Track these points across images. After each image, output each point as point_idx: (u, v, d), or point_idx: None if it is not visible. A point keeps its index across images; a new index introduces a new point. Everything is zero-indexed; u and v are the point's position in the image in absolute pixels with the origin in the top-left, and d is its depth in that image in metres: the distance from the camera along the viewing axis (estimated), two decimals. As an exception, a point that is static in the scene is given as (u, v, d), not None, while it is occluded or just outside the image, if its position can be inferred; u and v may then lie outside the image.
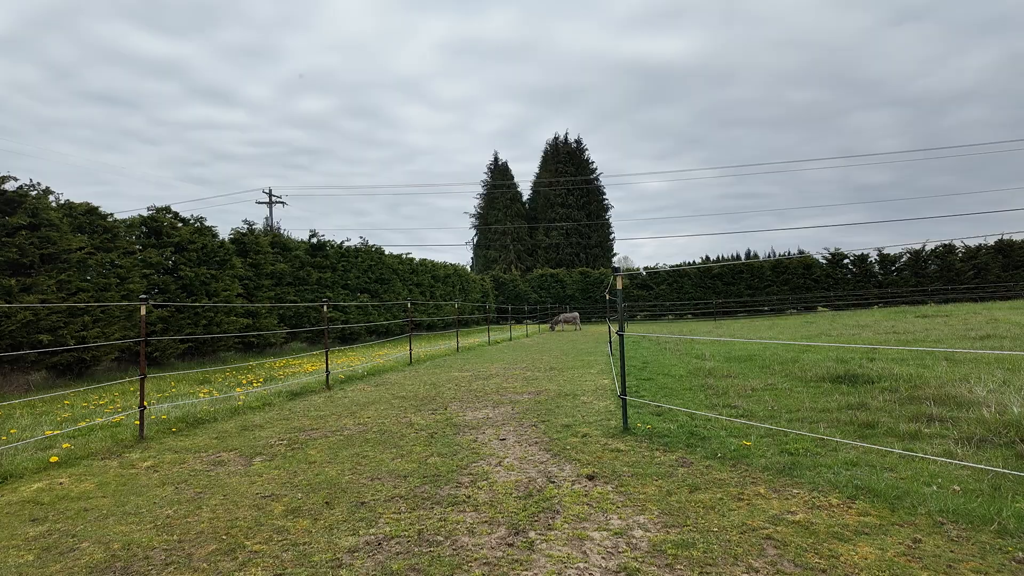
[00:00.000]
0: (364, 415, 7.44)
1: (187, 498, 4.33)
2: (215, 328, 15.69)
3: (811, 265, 45.59)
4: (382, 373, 12.16)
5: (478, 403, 8.02)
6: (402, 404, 8.17)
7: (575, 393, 8.36)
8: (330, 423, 7.02)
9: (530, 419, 6.68)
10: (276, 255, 19.36)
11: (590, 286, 47.38)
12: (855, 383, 7.64)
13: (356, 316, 23.06)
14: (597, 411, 6.91)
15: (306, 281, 20.50)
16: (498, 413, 7.21)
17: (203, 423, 7.28)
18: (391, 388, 9.90)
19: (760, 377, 8.78)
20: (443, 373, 11.85)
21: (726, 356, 11.89)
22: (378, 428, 6.57)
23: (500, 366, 12.82)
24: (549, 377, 10.43)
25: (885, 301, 42.86)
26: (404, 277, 27.95)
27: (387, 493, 4.22)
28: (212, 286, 15.68)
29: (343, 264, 23.00)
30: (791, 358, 10.60)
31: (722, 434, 5.28)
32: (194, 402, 8.36)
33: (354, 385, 10.50)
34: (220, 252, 16.27)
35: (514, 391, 8.98)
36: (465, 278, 37.51)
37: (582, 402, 7.60)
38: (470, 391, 9.19)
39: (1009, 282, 41.76)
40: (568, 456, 4.95)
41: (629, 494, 3.92)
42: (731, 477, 4.13)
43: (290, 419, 7.41)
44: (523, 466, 4.76)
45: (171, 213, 15.44)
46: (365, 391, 9.68)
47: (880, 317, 26.05)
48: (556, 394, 8.42)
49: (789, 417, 5.86)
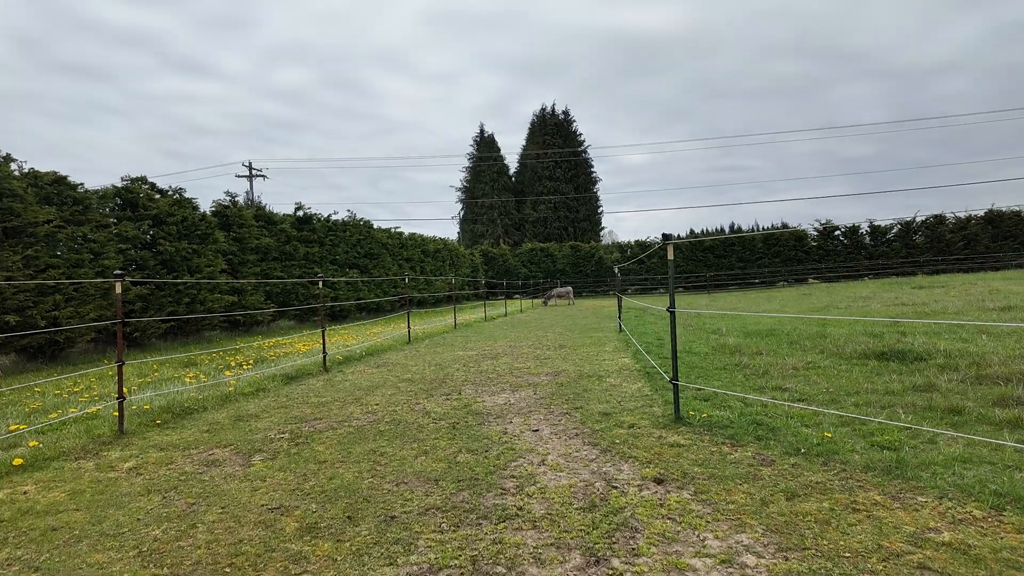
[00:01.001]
0: (371, 402, 6.73)
1: (178, 512, 3.62)
2: (198, 306, 14.81)
3: (802, 237, 45.33)
4: (381, 353, 11.43)
5: (494, 386, 7.34)
6: (411, 388, 7.47)
7: (598, 374, 7.71)
8: (334, 411, 6.31)
9: (559, 405, 6.02)
10: (261, 229, 18.38)
11: (581, 260, 46.74)
12: (903, 360, 7.07)
13: (346, 293, 22.22)
14: (632, 396, 6.26)
15: (293, 256, 19.58)
16: (520, 398, 6.54)
17: (191, 413, 6.52)
18: (394, 370, 9.19)
19: (794, 354, 8.19)
20: (446, 352, 11.15)
21: (744, 331, 11.32)
22: (390, 418, 5.86)
23: (505, 344, 12.15)
24: (562, 356, 9.77)
25: (875, 273, 42.80)
26: (394, 252, 27.05)
27: (419, 503, 3.54)
28: (194, 261, 14.74)
29: (331, 238, 22.06)
30: (816, 332, 10.05)
31: (791, 423, 4.66)
32: (180, 389, 7.58)
33: (353, 367, 9.77)
34: (202, 225, 15.29)
35: (529, 372, 8.31)
36: (455, 253, 36.65)
37: (610, 385, 6.95)
38: (481, 372, 8.50)
39: (998, 252, 41.85)
40: (621, 452, 4.29)
41: (715, 503, 3.28)
42: (829, 479, 3.50)
43: (289, 407, 6.68)
44: (572, 465, 4.10)
45: (147, 184, 14.40)
46: (367, 373, 8.96)
47: (876, 288, 25.74)
48: (577, 375, 7.76)
49: (855, 401, 5.25)
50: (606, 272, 46.18)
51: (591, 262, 46.60)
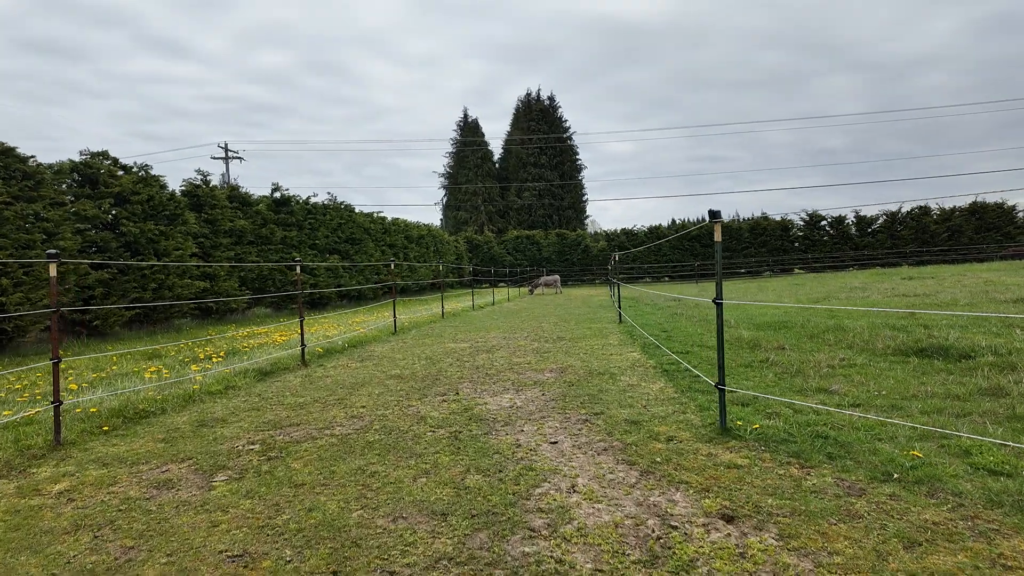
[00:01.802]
0: (356, 403, 5.90)
1: (108, 563, 2.77)
2: (166, 292, 13.76)
3: (788, 227, 45.09)
4: (365, 345, 10.55)
5: (494, 385, 6.55)
6: (400, 386, 6.64)
7: (610, 372, 6.95)
8: (314, 415, 5.47)
9: (575, 410, 5.24)
10: (235, 211, 17.29)
11: (567, 248, 46.02)
12: (947, 357, 6.43)
13: (326, 279, 21.22)
14: (657, 398, 5.51)
15: (269, 240, 18.52)
16: (527, 400, 5.76)
17: (147, 417, 5.64)
18: (381, 364, 8.34)
19: (819, 349, 7.52)
20: (436, 344, 10.32)
21: (753, 323, 10.65)
22: (380, 424, 5.04)
23: (498, 335, 11.35)
24: (564, 350, 9.01)
25: (860, 263, 42.74)
26: (376, 237, 26.03)
27: (425, 551, 2.74)
28: (161, 244, 13.67)
29: (310, 222, 21.00)
30: (833, 325, 9.40)
31: (861, 436, 3.93)
32: (137, 387, 6.66)
33: (335, 360, 8.90)
34: (170, 205, 14.20)
35: (531, 367, 7.53)
36: (439, 239, 35.68)
37: (628, 384, 6.19)
38: (477, 368, 7.70)
39: (981, 244, 42.00)
40: (667, 475, 3.53)
41: (813, 554, 2.53)
42: (949, 519, 2.77)
43: (261, 409, 5.82)
44: (610, 492, 3.33)
45: (110, 159, 13.26)
46: (350, 368, 8.10)
47: (866, 279, 25.43)
48: (586, 372, 7.00)
49: (920, 408, 4.55)
50: (592, 260, 45.54)
51: (577, 250, 45.91)
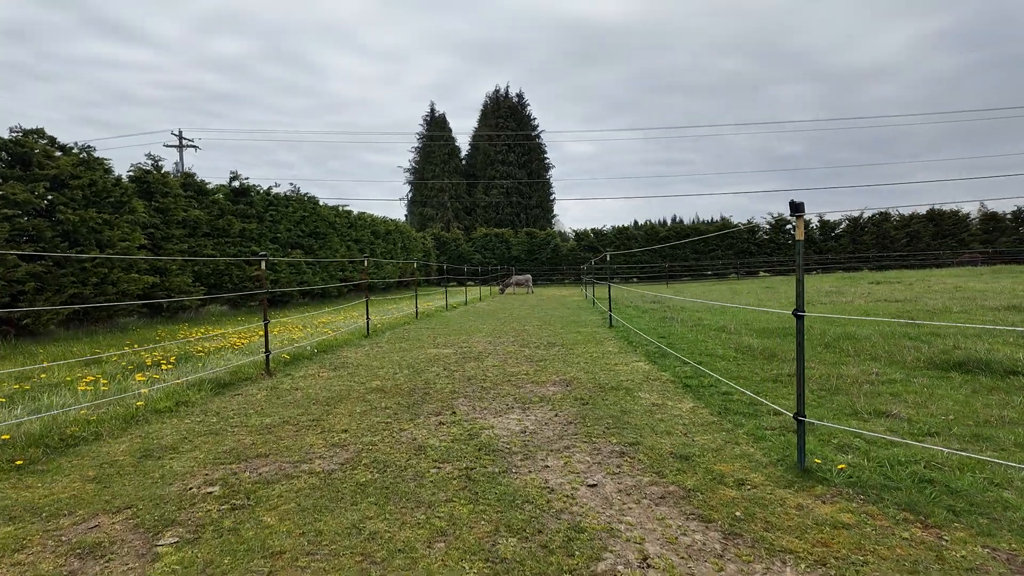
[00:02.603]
0: (335, 425, 4.98)
1: None
2: (110, 288, 12.42)
3: (755, 230, 45.48)
4: (336, 350, 9.54)
5: (494, 401, 5.71)
6: (385, 402, 5.73)
7: (623, 386, 6.18)
8: (286, 442, 4.53)
9: (601, 437, 4.45)
10: (190, 200, 15.93)
11: (536, 247, 45.36)
12: (991, 374, 5.89)
13: (288, 276, 19.94)
14: (692, 423, 4.76)
15: (227, 232, 17.19)
16: (538, 421, 4.94)
17: (77, 445, 4.60)
18: (357, 374, 7.39)
19: (841, 361, 6.93)
20: (416, 350, 9.39)
21: (752, 329, 10.07)
22: (369, 456, 4.14)
23: (483, 339, 10.48)
24: (560, 357, 8.21)
25: (823, 267, 43.39)
26: (342, 232, 24.78)
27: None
28: (105, 234, 12.32)
29: (271, 214, 19.69)
30: (842, 333, 8.88)
31: (973, 482, 3.25)
32: (66, 407, 5.57)
33: (304, 369, 7.89)
34: (115, 192, 12.84)
35: (530, 379, 6.71)
36: (407, 236, 34.50)
37: (651, 404, 5.43)
38: (469, 379, 6.84)
39: (938, 250, 43.12)
40: (760, 539, 2.76)
41: None
42: None
43: (221, 433, 4.84)
44: (698, 569, 2.53)
45: (46, 138, 11.86)
46: (322, 378, 7.12)
47: (835, 283, 25.52)
48: (595, 386, 6.22)
49: (1013, 440, 3.92)
50: (562, 260, 45.00)
51: (547, 249, 45.31)
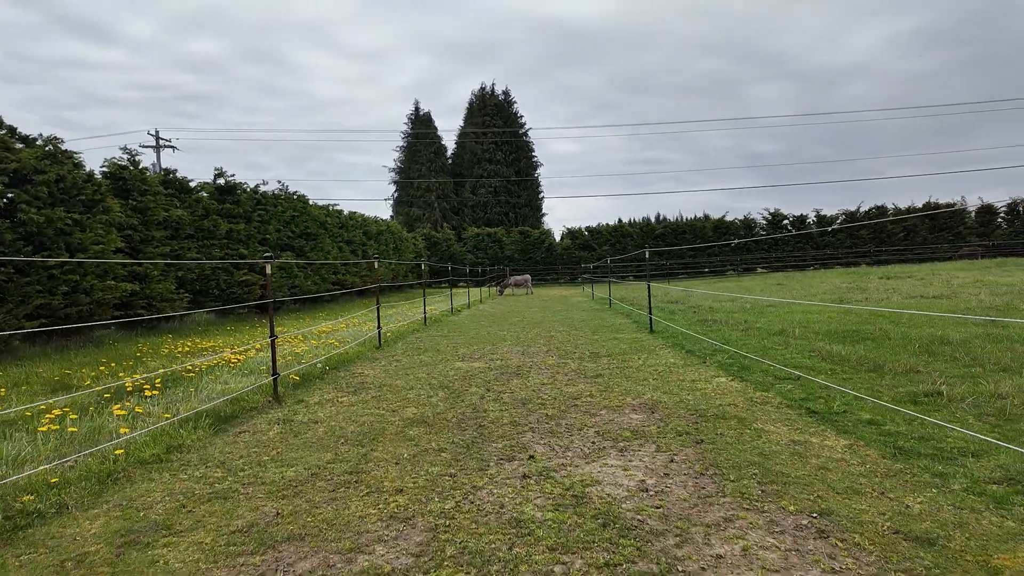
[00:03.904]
0: (382, 480, 3.75)
1: None
2: (82, 297, 11.00)
3: (751, 226, 44.79)
4: (348, 365, 8.28)
5: (572, 436, 4.52)
6: (434, 440, 4.51)
7: (731, 414, 5.02)
8: (323, 511, 3.30)
9: (762, 498, 3.28)
10: (171, 198, 14.50)
11: (530, 246, 44.21)
12: None
13: (278, 280, 18.54)
14: (874, 472, 3.60)
15: (213, 234, 15.77)
16: (652, 471, 3.76)
17: (30, 526, 3.32)
18: (383, 397, 6.15)
19: (951, 370, 5.85)
20: (441, 364, 8.16)
21: (819, 332, 8.99)
22: (452, 541, 2.92)
23: (512, 349, 9.28)
24: (619, 371, 7.04)
25: (821, 262, 42.82)
26: (333, 233, 23.40)
27: None
28: (76, 236, 10.91)
29: (260, 214, 18.27)
30: (938, 337, 7.83)
31: None
32: (23, 453, 4.27)
33: (317, 392, 6.62)
34: (87, 189, 11.42)
35: (599, 403, 5.53)
36: (399, 236, 33.16)
37: (790, 442, 4.25)
38: (522, 403, 5.64)
39: (935, 244, 42.74)
40: None
41: None
42: None
43: (231, 497, 3.59)
44: None
45: (4, 128, 10.42)
46: (343, 404, 5.87)
47: (846, 279, 24.74)
48: (692, 413, 5.05)
49: None
50: (556, 259, 43.89)
51: (541, 248, 44.17)
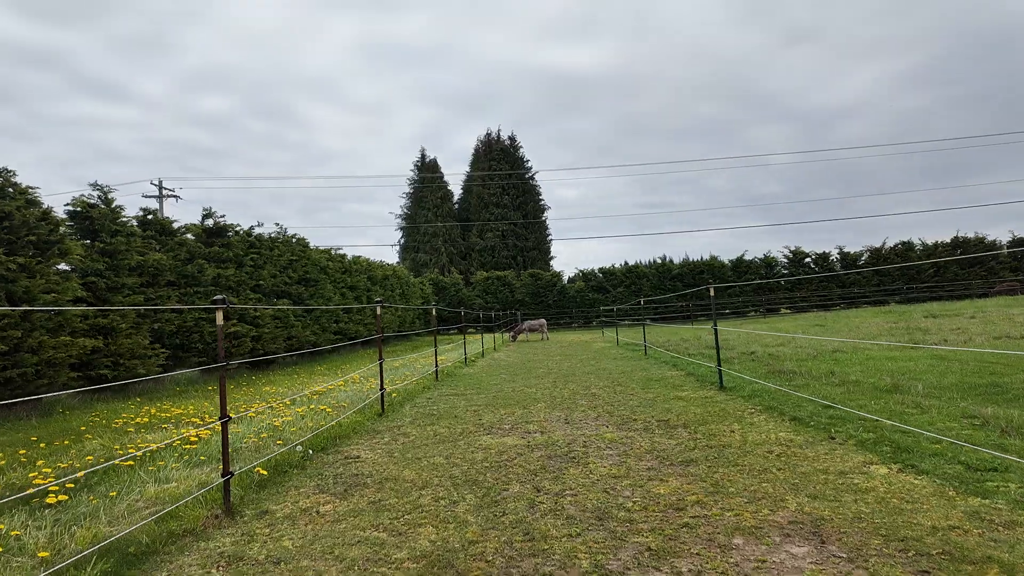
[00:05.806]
0: None
1: None
2: (30, 357, 9.16)
3: (772, 264, 42.92)
4: (340, 444, 6.30)
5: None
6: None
7: (962, 545, 3.05)
8: None
9: None
10: (148, 241, 12.83)
11: (541, 289, 42.41)
12: None
13: (272, 330, 16.69)
14: None
15: (197, 280, 14.02)
16: None
17: None
18: (385, 507, 4.17)
19: None
20: (463, 440, 6.18)
21: (933, 384, 7.00)
22: None
23: (550, 415, 7.29)
24: (717, 454, 5.05)
25: (848, 301, 40.77)
26: (335, 278, 21.71)
27: None
28: (21, 284, 9.15)
29: (252, 258, 16.58)
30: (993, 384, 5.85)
31: None
32: None
33: (291, 494, 4.64)
34: (40, 229, 9.73)
35: (719, 520, 3.56)
36: (405, 281, 31.47)
37: None
38: (593, 515, 3.67)
39: (967, 280, 40.67)
40: None
41: None
42: None
43: None
44: None
45: (-61, 158, 8.79)
46: (325, 521, 3.90)
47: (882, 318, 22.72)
48: (900, 544, 3.07)
49: None
50: (569, 302, 42.00)
51: (553, 291, 42.35)
